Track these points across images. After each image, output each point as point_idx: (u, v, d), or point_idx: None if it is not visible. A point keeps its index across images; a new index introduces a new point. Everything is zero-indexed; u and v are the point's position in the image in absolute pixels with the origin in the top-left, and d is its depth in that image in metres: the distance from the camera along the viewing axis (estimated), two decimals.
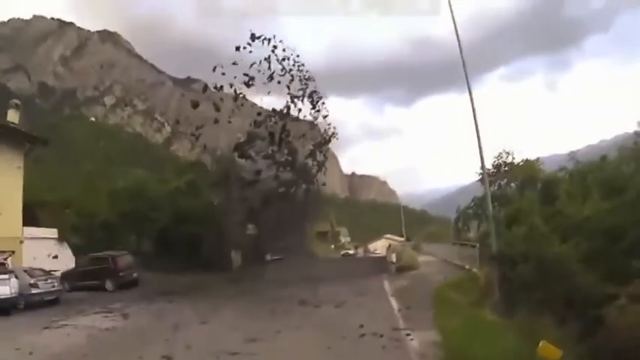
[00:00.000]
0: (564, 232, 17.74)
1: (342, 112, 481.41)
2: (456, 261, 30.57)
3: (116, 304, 20.85)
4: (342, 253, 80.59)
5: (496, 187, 42.73)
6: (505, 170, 41.89)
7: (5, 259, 21.76)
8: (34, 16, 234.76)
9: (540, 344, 10.51)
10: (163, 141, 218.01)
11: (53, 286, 22.53)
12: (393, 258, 36.77)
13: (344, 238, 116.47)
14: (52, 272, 24.27)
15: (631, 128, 25.42)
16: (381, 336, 12.38)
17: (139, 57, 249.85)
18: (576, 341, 12.19)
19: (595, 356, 11.50)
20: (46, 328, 15.44)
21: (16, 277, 20.14)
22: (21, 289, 20.24)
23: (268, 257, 42.82)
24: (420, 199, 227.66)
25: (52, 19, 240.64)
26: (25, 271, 22.05)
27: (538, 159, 40.90)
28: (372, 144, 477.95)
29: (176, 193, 40.99)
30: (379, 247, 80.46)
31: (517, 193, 35.08)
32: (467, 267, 26.02)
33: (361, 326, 13.36)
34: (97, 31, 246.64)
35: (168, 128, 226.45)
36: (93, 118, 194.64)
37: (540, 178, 33.96)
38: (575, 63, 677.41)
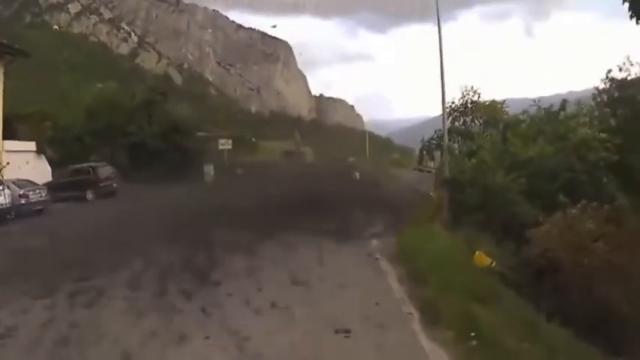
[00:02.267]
0: (510, 167, 20.33)
1: (315, 33, 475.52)
2: (414, 184, 33.26)
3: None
4: None
5: (461, 123, 45.32)
6: (471, 108, 44.19)
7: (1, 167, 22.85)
8: None
9: (476, 253, 13.03)
10: (129, 52, 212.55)
11: (41, 197, 23.72)
12: (357, 175, 39.47)
13: (308, 158, 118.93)
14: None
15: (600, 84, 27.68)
16: None
17: None
18: (509, 256, 14.71)
19: (521, 267, 13.99)
20: None
21: (9, 187, 21.43)
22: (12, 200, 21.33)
23: (239, 171, 45.13)
24: (386, 127, 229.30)
25: None
26: (14, 182, 23.05)
27: (504, 101, 43.23)
28: (342, 67, 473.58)
29: (150, 104, 41.97)
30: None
31: (480, 131, 37.83)
32: (422, 189, 28.71)
33: None
34: None
35: (134, 39, 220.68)
36: (56, 27, 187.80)
37: (503, 119, 36.38)
38: (554, 13, 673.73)
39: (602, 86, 27.09)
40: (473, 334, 6.61)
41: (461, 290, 8.57)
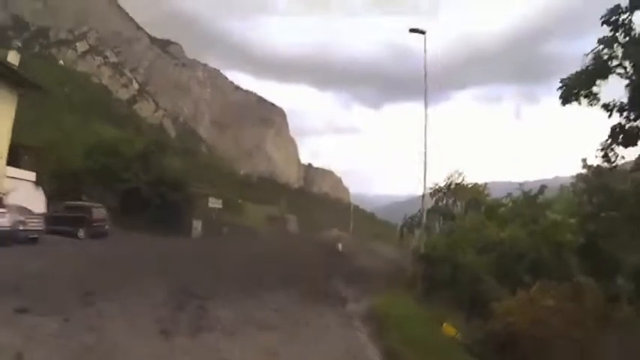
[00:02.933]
0: (482, 248, 22.08)
1: (310, 103, 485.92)
2: (391, 256, 35.07)
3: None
4: None
5: (444, 204, 47.49)
6: (454, 190, 46.37)
7: (5, 194, 23.82)
8: None
9: (444, 324, 14.56)
10: (128, 98, 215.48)
11: (37, 226, 24.32)
12: (340, 247, 41.26)
13: (291, 226, 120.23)
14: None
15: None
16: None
17: (121, 8, 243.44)
18: (475, 330, 16.14)
19: (485, 340, 15.39)
20: None
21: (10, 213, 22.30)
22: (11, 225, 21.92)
23: (224, 230, 46.73)
24: (371, 202, 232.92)
25: None
26: (15, 208, 23.49)
27: (486, 184, 45.37)
28: (333, 138, 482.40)
29: (147, 155, 43.78)
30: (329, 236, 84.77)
31: (462, 212, 39.92)
32: (400, 263, 30.40)
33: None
34: None
35: (135, 86, 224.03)
36: (62, 62, 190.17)
37: (485, 202, 38.41)
38: (543, 98, 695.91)
39: (583, 172, 29.04)
40: None
41: (419, 347, 10.02)
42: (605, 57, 12.18)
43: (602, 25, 11.87)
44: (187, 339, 9.30)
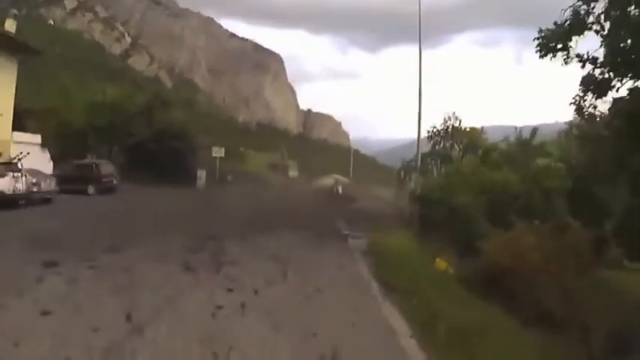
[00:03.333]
0: (476, 190, 23.33)
1: (306, 48, 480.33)
2: (390, 199, 36.51)
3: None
4: None
5: (442, 147, 48.62)
6: (451, 133, 47.38)
7: (19, 159, 24.83)
8: None
9: (437, 259, 15.87)
10: (121, 52, 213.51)
11: (50, 187, 25.45)
12: (340, 190, 42.94)
13: (292, 172, 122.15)
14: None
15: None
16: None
17: None
18: (467, 265, 17.49)
19: (475, 274, 16.73)
20: None
21: (26, 176, 23.59)
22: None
23: (229, 178, 48.40)
24: (372, 146, 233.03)
25: None
26: (28, 171, 24.41)
27: (482, 128, 46.30)
28: (332, 83, 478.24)
29: (150, 109, 44.89)
30: (327, 183, 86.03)
31: (459, 155, 41.06)
32: (398, 205, 31.84)
33: None
34: None
35: (128, 39, 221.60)
36: (51, 21, 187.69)
37: (482, 145, 39.47)
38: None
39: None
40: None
41: (411, 276, 11.30)
42: (583, 12, 12.60)
43: None
44: (210, 273, 10.67)
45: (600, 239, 20.42)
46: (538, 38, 12.62)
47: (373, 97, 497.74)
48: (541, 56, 12.98)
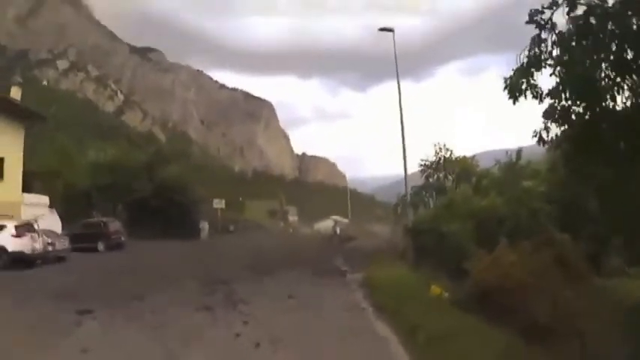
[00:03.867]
0: (464, 216, 24.90)
1: (296, 93, 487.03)
2: (387, 235, 38.28)
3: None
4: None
5: (435, 179, 50.30)
6: (443, 164, 49.12)
7: (36, 220, 26.46)
8: None
9: (432, 287, 17.34)
10: (115, 109, 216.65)
11: (64, 245, 27.14)
12: (338, 230, 44.90)
13: (292, 217, 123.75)
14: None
15: None
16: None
17: (97, 22, 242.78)
18: (458, 289, 18.97)
19: (467, 295, 18.19)
20: None
21: (42, 236, 25.09)
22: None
23: (231, 228, 50.25)
24: (369, 184, 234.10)
25: None
26: (42, 231, 25.97)
27: (473, 156, 47.96)
28: (324, 125, 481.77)
29: (151, 166, 46.99)
30: (326, 226, 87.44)
31: (452, 186, 42.63)
32: (394, 240, 33.54)
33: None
34: None
35: (120, 97, 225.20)
36: (45, 82, 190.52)
37: (475, 173, 41.02)
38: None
39: None
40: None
41: (407, 302, 12.85)
42: (537, 54, 13.72)
43: (526, 23, 13.60)
44: (226, 310, 12.30)
45: (594, 249, 21.52)
46: (505, 87, 13.66)
47: (366, 135, 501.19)
48: (513, 100, 13.95)
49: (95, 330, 10.26)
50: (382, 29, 29.87)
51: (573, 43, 11.98)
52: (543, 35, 12.14)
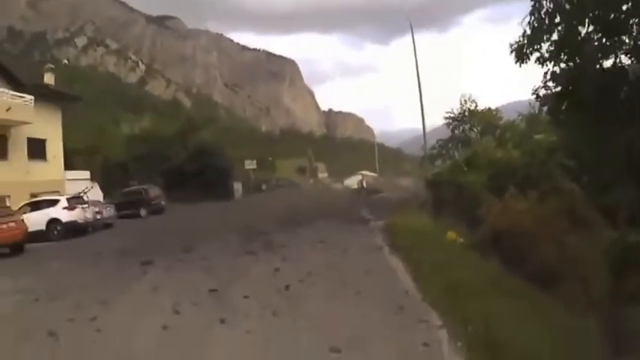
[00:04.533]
0: (481, 168, 26.74)
1: (318, 49, 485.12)
2: (412, 188, 40.40)
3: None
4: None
5: (460, 131, 51.74)
6: (468, 116, 50.49)
7: (85, 192, 29.17)
8: None
9: (448, 233, 19.32)
10: (138, 80, 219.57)
11: (110, 214, 29.95)
12: (364, 184, 47.49)
13: (321, 174, 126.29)
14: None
15: None
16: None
17: None
18: (474, 235, 20.97)
19: (480, 239, 20.19)
20: None
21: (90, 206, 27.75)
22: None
23: (264, 187, 53.22)
24: (396, 137, 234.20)
25: None
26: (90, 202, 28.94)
27: (497, 108, 49.15)
28: (349, 81, 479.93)
29: (183, 133, 49.73)
30: (355, 181, 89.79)
31: (477, 138, 44.19)
32: (417, 192, 35.71)
33: None
34: None
35: (142, 67, 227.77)
36: (65, 61, 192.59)
37: (499, 125, 42.40)
38: None
39: None
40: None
41: (424, 245, 14.92)
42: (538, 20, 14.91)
43: None
44: (266, 254, 14.75)
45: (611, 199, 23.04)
46: (511, 52, 14.71)
47: (394, 88, 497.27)
48: (519, 64, 15.04)
49: (159, 275, 12.56)
50: None
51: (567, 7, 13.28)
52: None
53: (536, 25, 13.43)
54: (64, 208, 25.42)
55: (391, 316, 7.85)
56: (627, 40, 12.63)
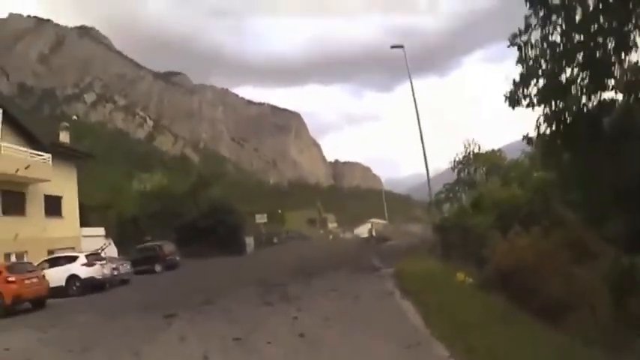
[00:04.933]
0: (487, 209, 27.57)
1: (320, 100, 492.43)
2: (421, 234, 41.24)
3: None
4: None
5: (466, 174, 52.87)
6: (473, 159, 51.59)
7: (103, 249, 30.19)
8: (10, 14, 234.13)
9: (457, 274, 20.06)
10: (146, 136, 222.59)
11: (127, 270, 30.54)
12: (374, 233, 48.52)
13: (331, 224, 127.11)
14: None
15: None
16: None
17: (118, 52, 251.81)
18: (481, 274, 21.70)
19: (487, 279, 20.91)
20: None
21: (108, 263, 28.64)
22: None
23: (275, 240, 54.11)
24: (404, 184, 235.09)
25: (29, 16, 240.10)
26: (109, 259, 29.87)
27: (500, 149, 50.15)
28: (354, 130, 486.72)
29: (196, 190, 50.96)
30: (365, 230, 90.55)
31: (483, 179, 45.09)
32: (426, 237, 36.52)
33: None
34: (75, 27, 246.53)
35: (150, 123, 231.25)
36: (75, 117, 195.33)
37: (504, 165, 43.29)
38: None
39: None
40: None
41: (433, 288, 15.70)
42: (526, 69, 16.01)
43: (508, 47, 16.10)
44: (283, 304, 15.48)
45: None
46: (505, 100, 15.74)
47: (398, 134, 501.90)
48: (513, 107, 15.92)
49: (184, 326, 13.28)
50: (393, 47, 31.91)
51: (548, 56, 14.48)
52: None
53: (524, 72, 14.72)
54: (83, 264, 26.17)
55: (403, 350, 8.65)
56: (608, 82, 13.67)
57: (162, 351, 10.76)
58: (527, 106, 14.54)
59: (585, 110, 14.16)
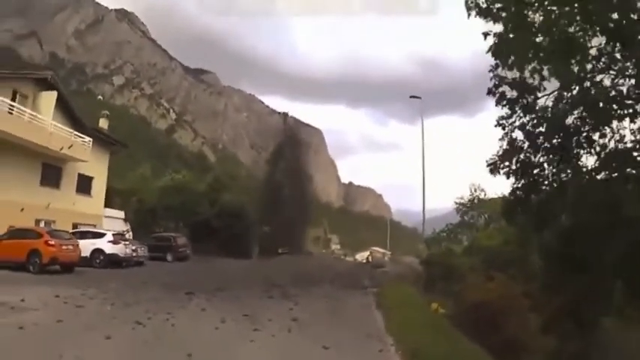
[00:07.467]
0: (473, 253, 31.49)
1: (345, 121, 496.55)
2: (414, 266, 45.39)
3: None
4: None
5: (469, 217, 56.89)
6: (477, 204, 55.32)
7: (128, 231, 33.98)
8: None
9: (432, 303, 23.71)
10: (167, 127, 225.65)
11: (144, 253, 34.10)
12: (370, 259, 53.24)
13: (334, 245, 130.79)
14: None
15: None
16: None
17: (153, 40, 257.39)
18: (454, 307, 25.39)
19: (458, 311, 24.53)
20: None
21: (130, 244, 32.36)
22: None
23: (280, 251, 58.26)
24: (413, 217, 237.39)
25: None
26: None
27: (504, 196, 53.72)
28: (372, 156, 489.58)
29: (213, 191, 55.06)
30: (363, 255, 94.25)
31: (484, 224, 49.00)
32: (417, 270, 40.49)
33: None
34: (115, 9, 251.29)
35: (172, 115, 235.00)
36: (100, 97, 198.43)
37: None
38: None
39: None
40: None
41: (405, 308, 19.39)
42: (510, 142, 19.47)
43: (495, 126, 19.41)
44: (283, 299, 19.45)
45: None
46: (487, 166, 19.10)
47: (414, 167, 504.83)
48: (493, 174, 19.42)
49: (202, 302, 17.02)
50: (412, 97, 35.82)
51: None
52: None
53: (506, 148, 18.39)
54: (109, 241, 30.21)
55: (364, 337, 12.67)
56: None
57: (189, 315, 14.44)
58: (505, 175, 18.38)
59: (545, 188, 18.10)
